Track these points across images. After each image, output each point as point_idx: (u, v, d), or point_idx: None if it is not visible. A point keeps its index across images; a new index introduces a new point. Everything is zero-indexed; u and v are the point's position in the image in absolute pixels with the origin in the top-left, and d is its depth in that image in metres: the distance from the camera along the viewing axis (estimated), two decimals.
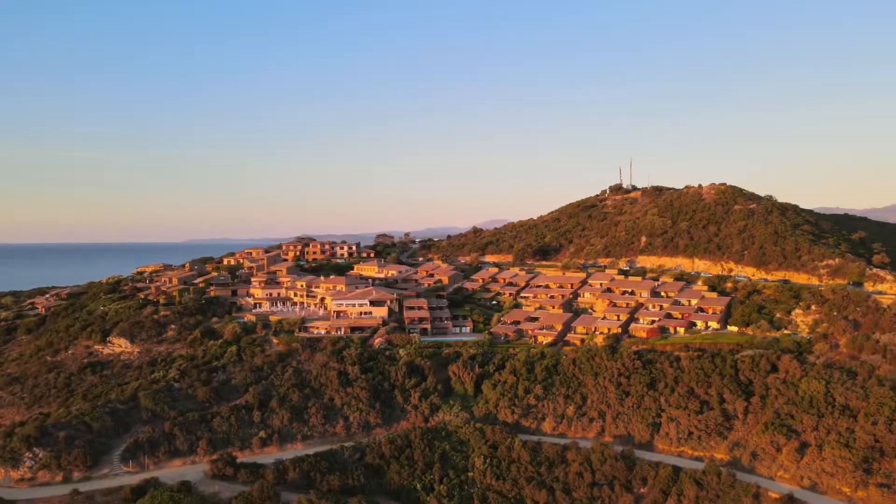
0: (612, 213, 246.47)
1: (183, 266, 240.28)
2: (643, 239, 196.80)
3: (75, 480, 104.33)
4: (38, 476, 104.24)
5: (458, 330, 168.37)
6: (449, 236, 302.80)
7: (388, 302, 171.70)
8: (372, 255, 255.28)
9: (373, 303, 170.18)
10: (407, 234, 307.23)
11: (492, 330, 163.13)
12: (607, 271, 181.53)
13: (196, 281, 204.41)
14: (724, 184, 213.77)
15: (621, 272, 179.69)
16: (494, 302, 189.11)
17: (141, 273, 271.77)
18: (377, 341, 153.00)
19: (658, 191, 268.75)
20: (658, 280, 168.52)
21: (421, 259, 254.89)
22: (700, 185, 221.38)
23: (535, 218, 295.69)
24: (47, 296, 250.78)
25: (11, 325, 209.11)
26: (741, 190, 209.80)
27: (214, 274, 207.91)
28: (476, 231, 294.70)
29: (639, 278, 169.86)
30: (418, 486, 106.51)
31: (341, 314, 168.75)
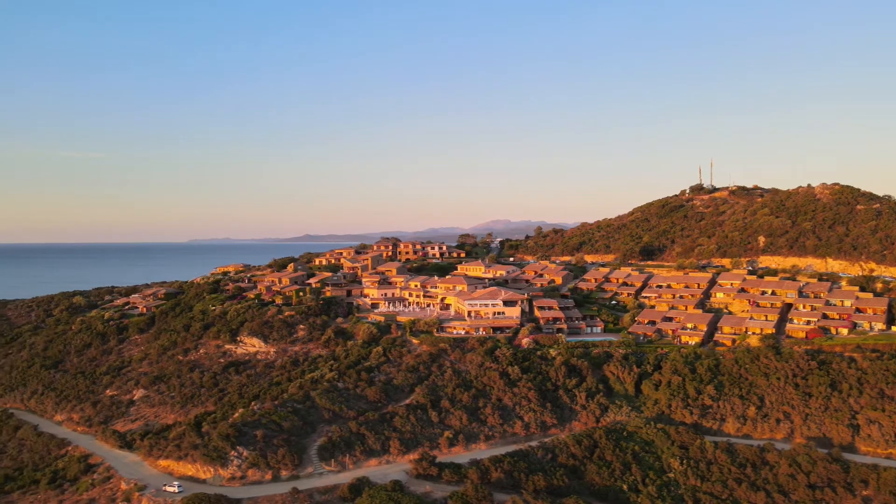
0: (707, 213, 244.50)
1: (285, 267, 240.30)
2: (761, 239, 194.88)
3: (284, 479, 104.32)
4: (248, 474, 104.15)
5: (589, 330, 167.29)
6: (527, 236, 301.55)
7: (520, 302, 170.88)
8: (462, 255, 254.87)
9: (505, 303, 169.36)
10: (489, 235, 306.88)
11: (629, 330, 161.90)
12: (734, 271, 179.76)
13: (309, 281, 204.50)
14: (836, 184, 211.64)
15: (751, 272, 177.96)
16: (614, 302, 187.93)
17: (226, 273, 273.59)
18: (524, 341, 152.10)
19: (745, 191, 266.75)
20: (795, 280, 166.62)
21: (511, 259, 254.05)
22: (810, 185, 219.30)
23: (612, 217, 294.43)
24: (138, 295, 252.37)
25: (120, 325, 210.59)
26: (858, 189, 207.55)
27: (327, 274, 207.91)
28: (557, 231, 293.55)
29: (775, 278, 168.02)
30: (625, 486, 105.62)
31: (473, 314, 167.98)
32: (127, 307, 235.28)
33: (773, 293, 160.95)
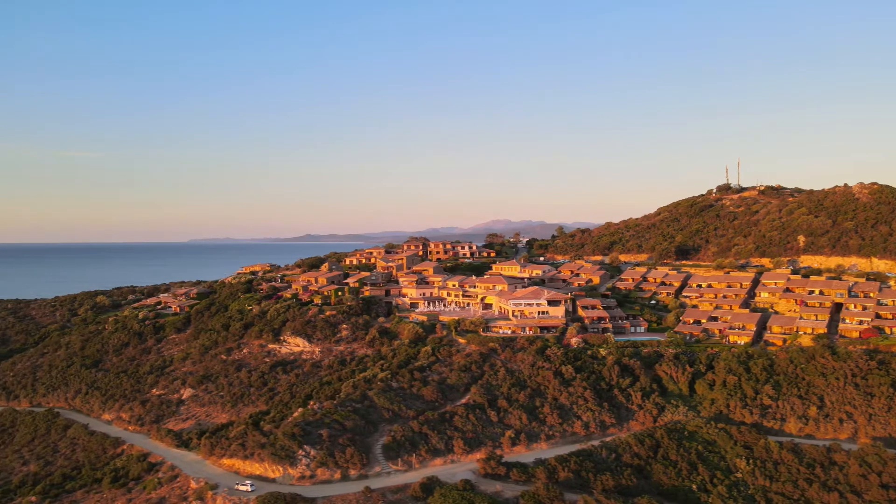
0: (739, 212, 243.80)
1: (316, 267, 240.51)
2: (801, 239, 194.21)
3: (353, 478, 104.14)
4: (317, 473, 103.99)
5: (633, 329, 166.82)
6: (553, 236, 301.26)
7: (563, 301, 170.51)
8: (493, 254, 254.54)
9: (549, 302, 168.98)
10: (516, 234, 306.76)
11: (675, 329, 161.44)
12: (777, 271, 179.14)
13: (346, 281, 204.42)
14: (874, 183, 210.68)
15: (794, 272, 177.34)
16: (653, 301, 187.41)
17: (255, 273, 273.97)
18: (573, 341, 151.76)
19: (774, 190, 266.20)
20: (841, 280, 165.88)
21: (541, 259, 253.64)
22: (846, 185, 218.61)
23: (637, 217, 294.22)
24: (169, 294, 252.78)
25: (156, 325, 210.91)
26: None
27: (365, 274, 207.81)
28: (584, 231, 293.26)
29: (821, 278, 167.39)
30: (694, 486, 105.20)
31: (518, 314, 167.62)
32: (159, 306, 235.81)
33: (821, 293, 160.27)
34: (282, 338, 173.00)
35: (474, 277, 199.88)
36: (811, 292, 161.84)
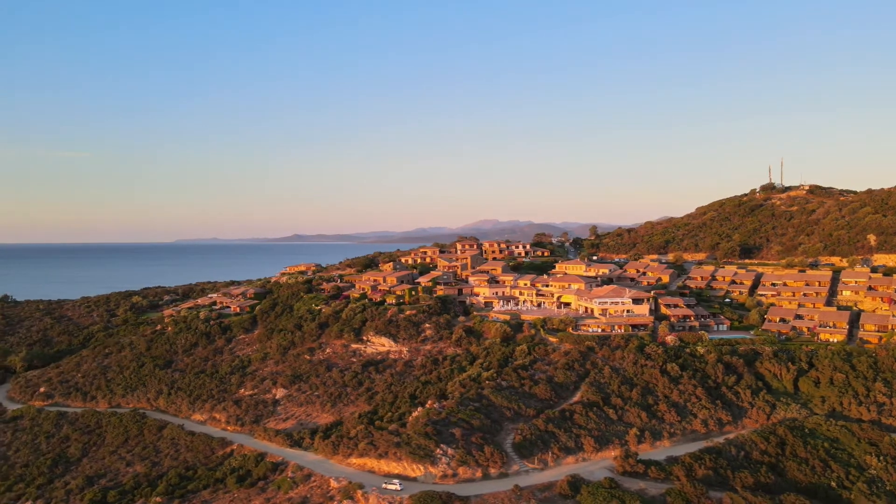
0: (794, 211, 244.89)
1: (369, 267, 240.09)
2: (872, 237, 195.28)
3: (493, 476, 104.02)
4: (459, 472, 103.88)
5: (715, 328, 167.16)
6: (598, 236, 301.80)
7: (646, 300, 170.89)
8: (546, 253, 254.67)
9: (633, 301, 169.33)
10: (564, 234, 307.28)
11: (763, 327, 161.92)
12: (857, 269, 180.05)
13: (419, 280, 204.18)
14: None
15: (873, 270, 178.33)
16: (728, 300, 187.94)
17: (303, 272, 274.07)
18: (668, 339, 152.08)
19: (823, 190, 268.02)
20: None
21: (595, 258, 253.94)
22: None
23: (681, 216, 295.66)
24: (218, 294, 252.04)
25: (222, 325, 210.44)
26: None
27: (437, 273, 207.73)
28: (630, 231, 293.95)
29: None
30: (832, 483, 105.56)
31: (603, 312, 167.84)
32: (216, 307, 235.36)
33: None
34: (364, 337, 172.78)
35: (546, 276, 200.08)
36: None
